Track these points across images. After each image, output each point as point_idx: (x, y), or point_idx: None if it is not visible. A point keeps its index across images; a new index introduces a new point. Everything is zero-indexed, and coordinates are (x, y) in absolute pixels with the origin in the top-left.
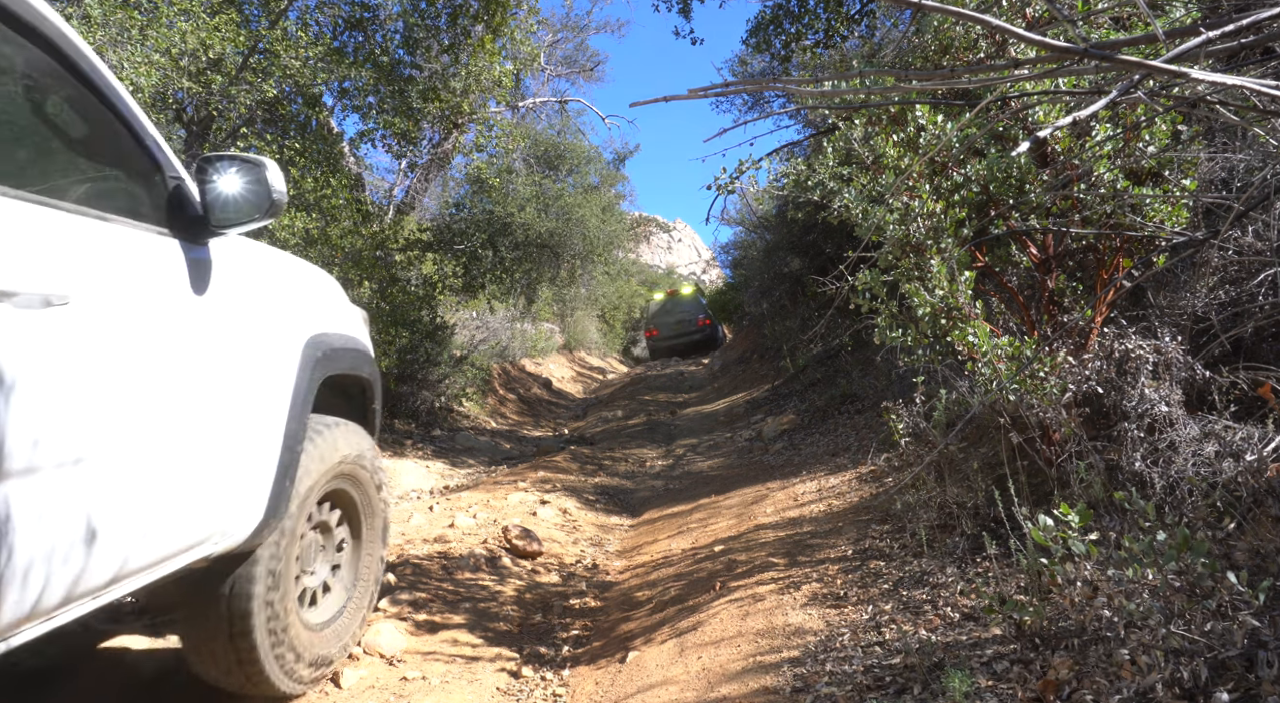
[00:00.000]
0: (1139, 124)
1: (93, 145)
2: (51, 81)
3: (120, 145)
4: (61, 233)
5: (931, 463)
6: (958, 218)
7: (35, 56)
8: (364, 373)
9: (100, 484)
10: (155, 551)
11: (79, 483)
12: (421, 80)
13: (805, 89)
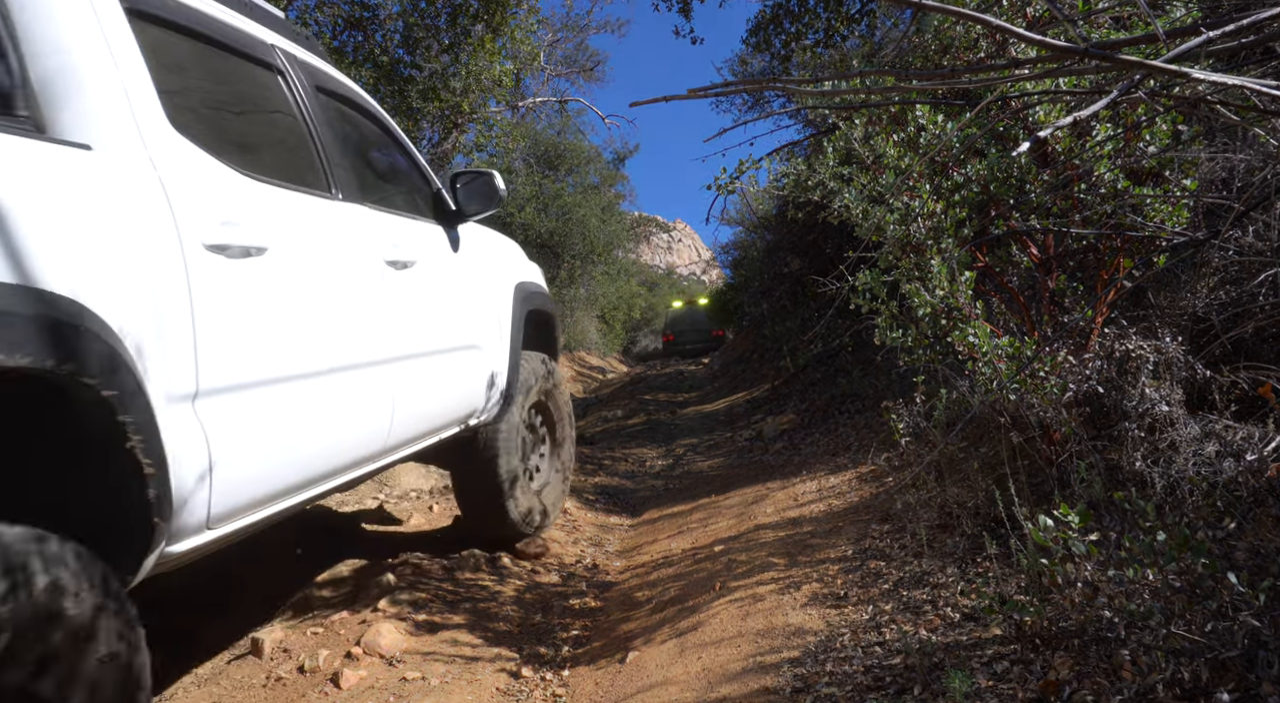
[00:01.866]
0: (1139, 124)
1: (402, 178)
2: (384, 142)
3: (414, 176)
4: (408, 229)
5: (931, 463)
6: (958, 218)
7: (378, 132)
8: (550, 309)
9: (429, 372)
10: (456, 413)
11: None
12: (421, 80)
13: (805, 89)
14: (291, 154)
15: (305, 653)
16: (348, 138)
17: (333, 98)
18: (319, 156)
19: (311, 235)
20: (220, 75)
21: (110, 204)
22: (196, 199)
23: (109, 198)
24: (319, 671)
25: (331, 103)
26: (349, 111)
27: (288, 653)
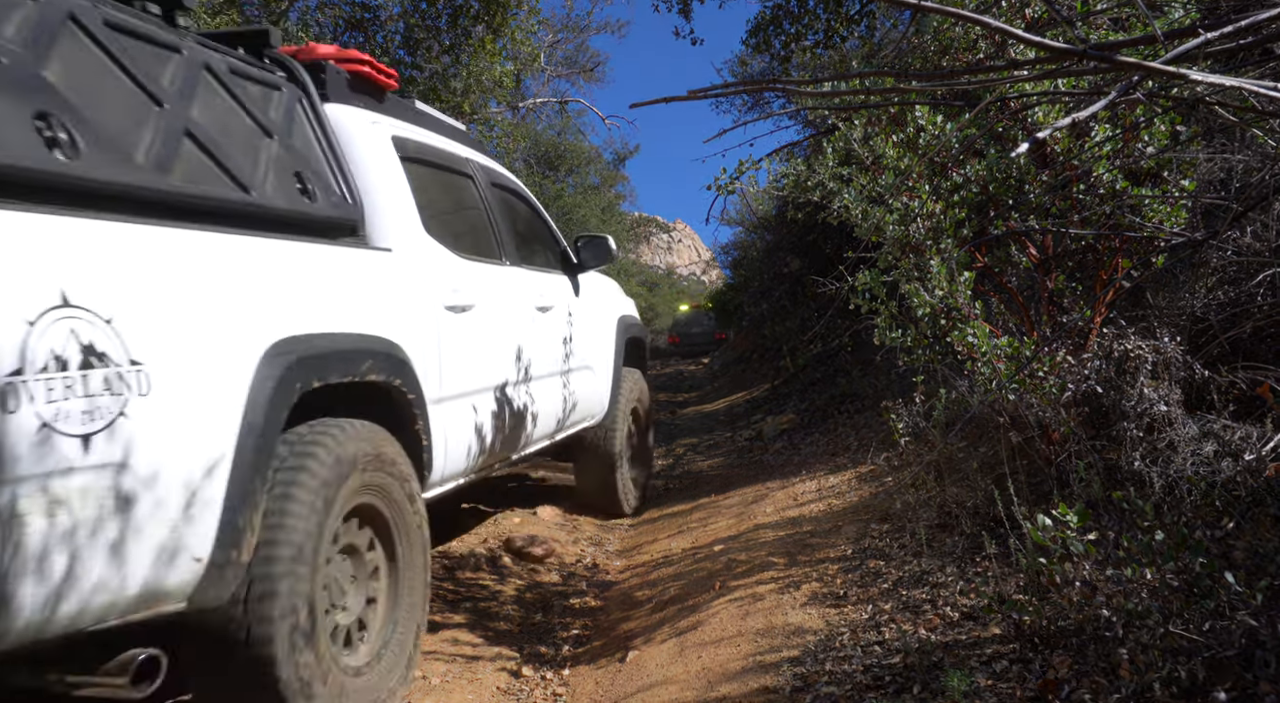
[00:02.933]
0: (1138, 125)
1: (541, 241)
2: (531, 217)
3: (548, 239)
4: (548, 281)
5: (931, 463)
6: (957, 218)
7: (525, 209)
8: (642, 336)
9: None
10: (574, 418)
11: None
12: (422, 81)
13: (805, 89)
14: (480, 236)
15: None
16: (509, 216)
17: (500, 189)
18: (495, 235)
19: (495, 293)
20: (442, 187)
21: (401, 284)
22: (439, 277)
23: (401, 280)
24: None
25: (499, 192)
26: (509, 196)
27: None
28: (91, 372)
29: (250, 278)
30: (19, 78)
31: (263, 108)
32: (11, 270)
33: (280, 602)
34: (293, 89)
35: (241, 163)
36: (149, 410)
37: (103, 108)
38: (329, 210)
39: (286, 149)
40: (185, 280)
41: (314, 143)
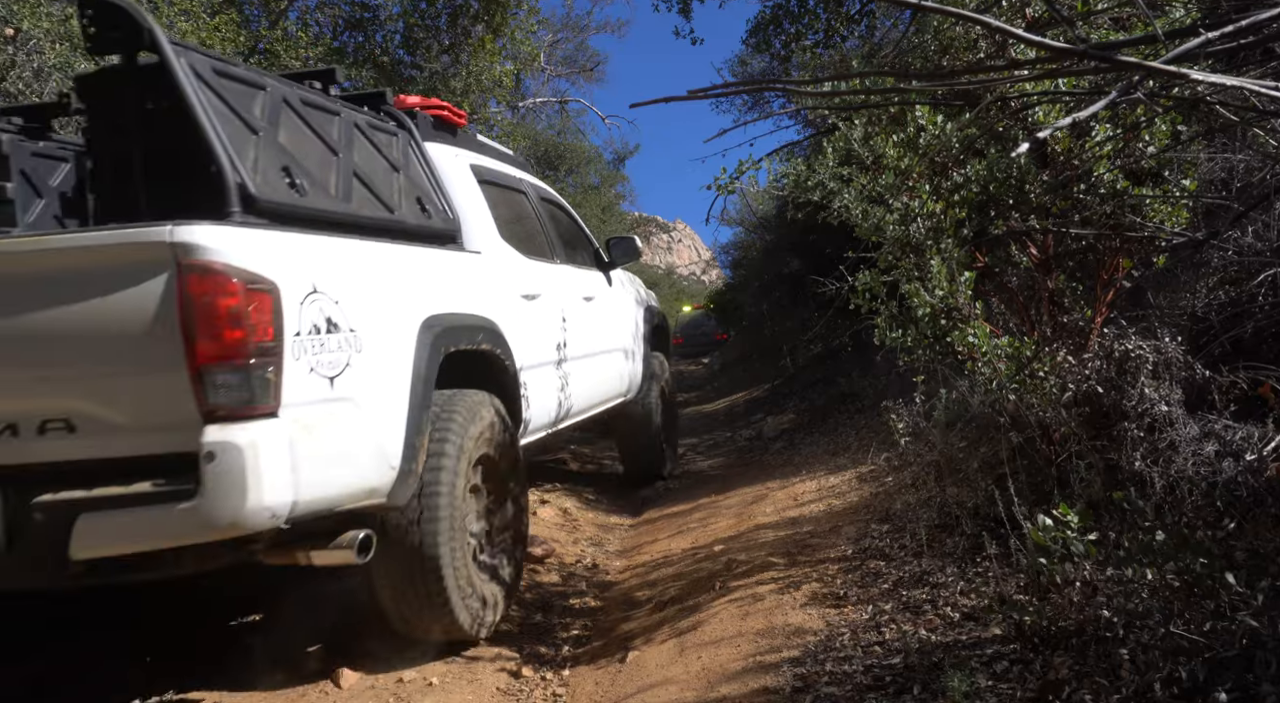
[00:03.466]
0: (1139, 124)
1: (580, 244)
2: (570, 223)
3: (585, 241)
4: (588, 276)
5: (931, 463)
6: (958, 218)
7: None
8: (664, 323)
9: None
10: (614, 392)
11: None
12: (421, 80)
13: (805, 89)
14: (536, 240)
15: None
16: (554, 223)
17: (546, 201)
18: (547, 239)
19: (552, 285)
20: (506, 202)
21: (491, 278)
22: (514, 273)
23: (490, 275)
24: (319, 671)
25: (545, 204)
26: (552, 207)
27: None
28: (332, 335)
29: (404, 272)
30: (270, 143)
31: (390, 150)
32: (291, 270)
33: (441, 505)
34: (404, 134)
35: (386, 192)
36: (362, 362)
37: (308, 158)
38: (440, 224)
39: (408, 179)
40: (370, 274)
41: (422, 174)
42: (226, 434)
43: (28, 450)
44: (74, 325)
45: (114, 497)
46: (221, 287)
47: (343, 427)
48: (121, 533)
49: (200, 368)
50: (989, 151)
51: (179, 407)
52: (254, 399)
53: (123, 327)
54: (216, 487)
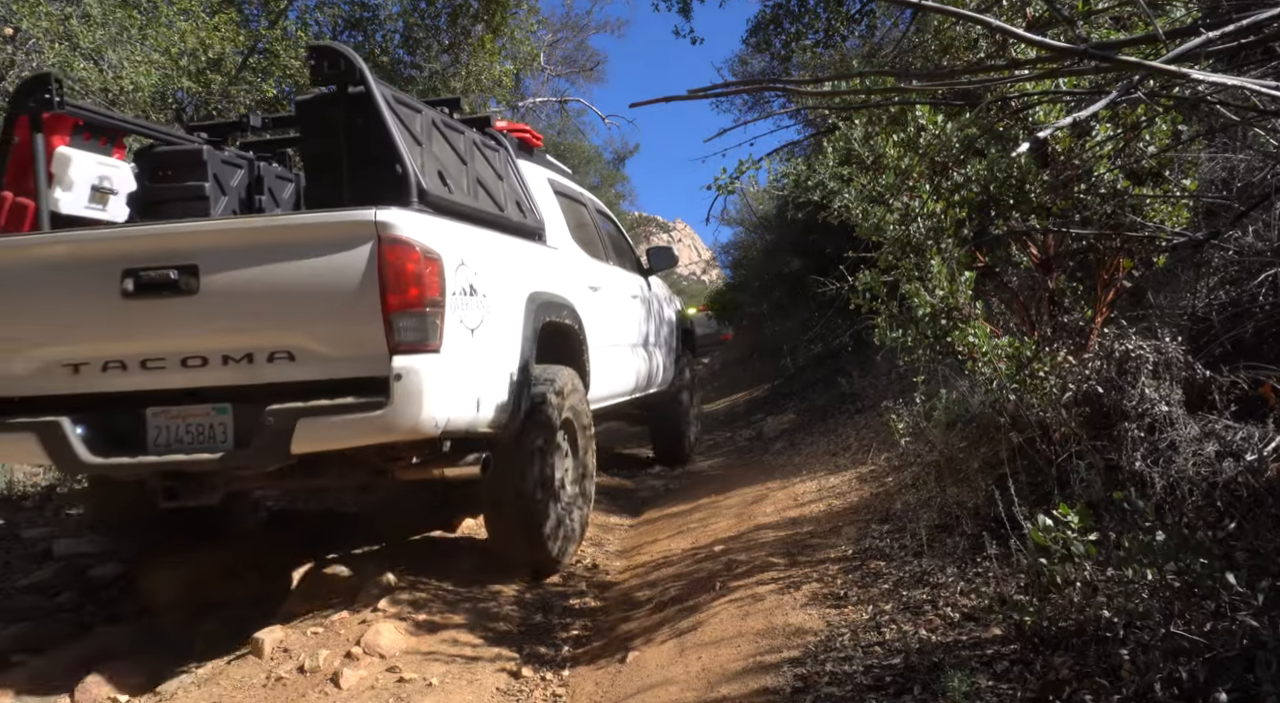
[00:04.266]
0: (1139, 124)
1: (625, 250)
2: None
3: (628, 248)
4: (633, 278)
5: (931, 463)
6: (958, 218)
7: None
8: (692, 328)
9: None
10: (651, 382)
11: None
12: (421, 80)
13: (805, 89)
14: (594, 243)
15: (305, 653)
16: (606, 232)
17: (600, 213)
18: (602, 244)
19: (610, 282)
20: (572, 211)
21: (567, 269)
22: (582, 267)
23: (567, 266)
24: (319, 671)
25: (600, 215)
26: (604, 218)
27: (288, 653)
28: (473, 297)
29: (512, 257)
30: (428, 152)
31: (495, 162)
32: (449, 246)
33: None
34: (503, 151)
35: (496, 194)
36: (491, 320)
37: (449, 165)
38: (531, 223)
39: (509, 186)
40: (494, 255)
41: (516, 183)
42: (409, 362)
43: (258, 374)
44: (299, 281)
45: (325, 406)
46: (408, 255)
47: (478, 367)
48: (330, 433)
49: (390, 314)
50: (989, 151)
51: (373, 342)
52: (426, 339)
53: (335, 282)
54: (401, 399)
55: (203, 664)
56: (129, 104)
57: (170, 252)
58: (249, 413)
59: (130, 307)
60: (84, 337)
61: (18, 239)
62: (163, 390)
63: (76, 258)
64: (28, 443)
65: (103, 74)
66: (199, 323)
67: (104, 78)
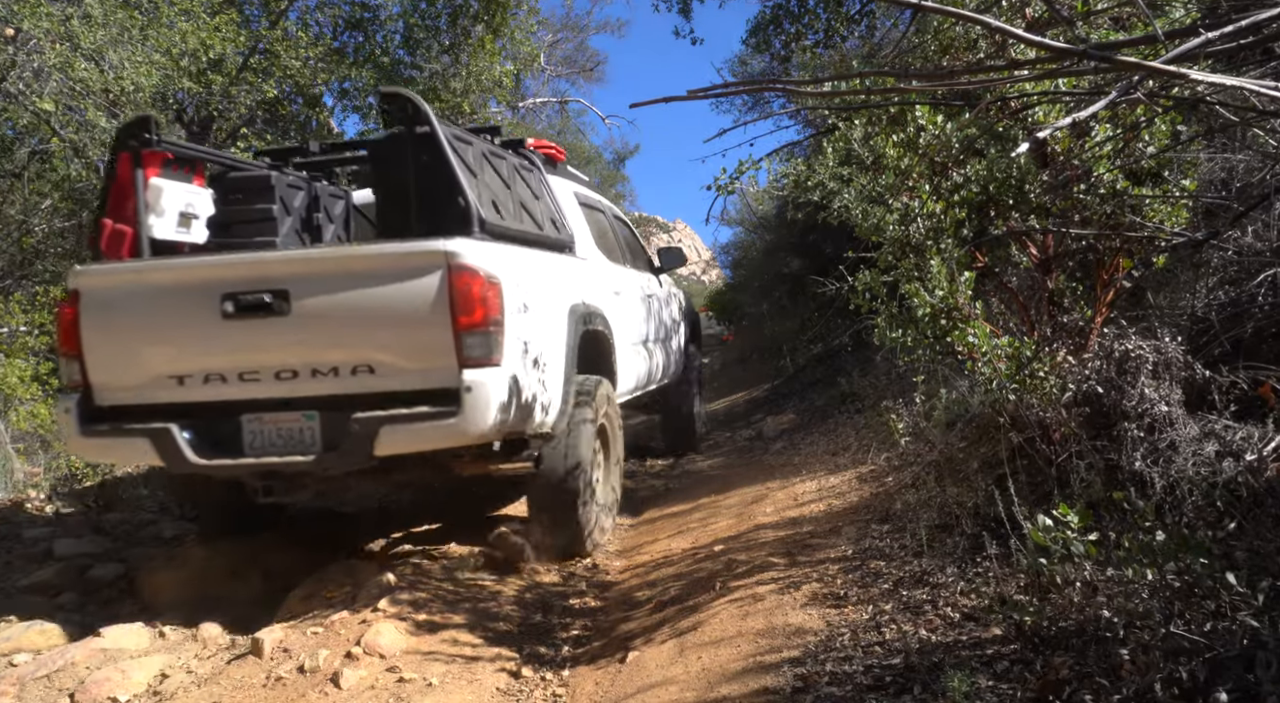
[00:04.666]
0: (1139, 124)
1: (638, 252)
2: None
3: (641, 250)
4: (647, 279)
5: (931, 463)
6: (958, 218)
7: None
8: (698, 321)
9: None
10: (664, 374)
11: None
12: (422, 80)
13: (805, 89)
14: (614, 249)
15: (305, 653)
16: (623, 236)
17: (617, 219)
18: (620, 248)
19: (628, 284)
20: (594, 220)
21: (595, 278)
22: (607, 274)
23: (594, 275)
24: (319, 671)
25: (618, 222)
26: (620, 222)
27: (288, 653)
28: (526, 314)
29: (553, 272)
30: (482, 182)
31: (531, 182)
32: (506, 269)
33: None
34: (536, 170)
35: (535, 214)
36: (541, 334)
37: (497, 193)
38: (564, 238)
39: (544, 204)
40: (539, 272)
41: (549, 199)
42: (476, 376)
43: (342, 385)
44: (378, 303)
45: (404, 415)
46: (474, 280)
47: (531, 376)
48: (409, 438)
49: (460, 333)
50: (989, 151)
51: (444, 357)
52: (490, 354)
53: (411, 304)
54: (470, 408)
55: (202, 662)
56: (129, 104)
57: (265, 278)
58: (334, 420)
59: (229, 326)
60: (188, 352)
61: (132, 265)
62: (257, 400)
63: (183, 283)
64: (143, 446)
65: (104, 74)
66: (290, 340)
67: (105, 78)
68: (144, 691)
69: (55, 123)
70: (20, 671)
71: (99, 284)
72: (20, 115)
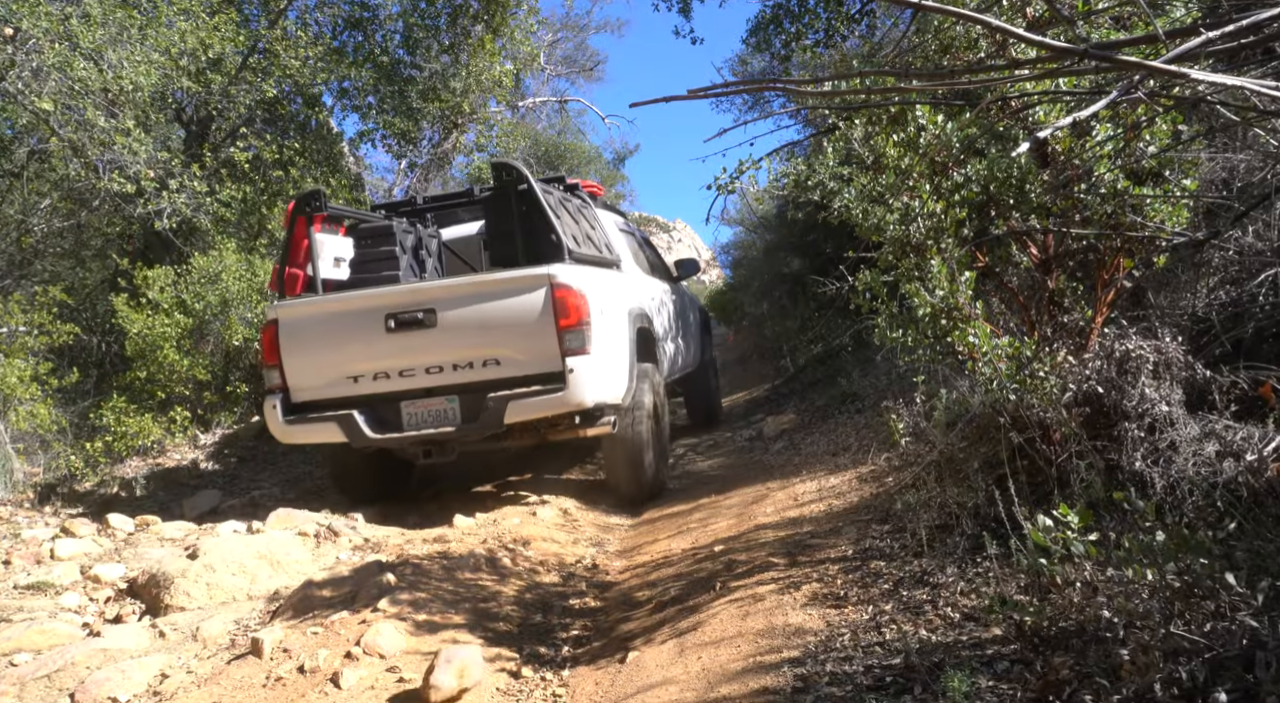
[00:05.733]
0: (1139, 124)
1: (658, 265)
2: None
3: (662, 261)
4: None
5: (931, 463)
6: (958, 218)
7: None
8: (709, 321)
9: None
10: (689, 362)
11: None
12: (421, 80)
13: (805, 89)
14: (645, 265)
15: (305, 653)
16: (650, 252)
17: (644, 240)
18: (649, 263)
19: (659, 292)
20: (630, 243)
21: (636, 288)
22: (645, 285)
23: (635, 287)
24: (319, 671)
25: (645, 242)
26: (646, 244)
27: (288, 653)
28: (603, 316)
29: (613, 286)
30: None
31: (588, 217)
32: (588, 285)
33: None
34: (589, 207)
35: (596, 241)
36: (611, 330)
37: (572, 228)
38: (614, 259)
39: (599, 233)
40: (606, 286)
41: (600, 229)
42: (575, 361)
43: (476, 375)
44: (501, 313)
45: (525, 392)
46: (569, 293)
47: (608, 362)
48: (530, 408)
49: (561, 331)
50: (989, 151)
51: (551, 350)
52: (583, 346)
53: (525, 313)
54: (572, 386)
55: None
56: (129, 104)
57: (417, 301)
58: (469, 400)
59: (392, 337)
60: (361, 358)
61: (317, 299)
62: (413, 390)
63: (357, 308)
64: (332, 429)
65: (103, 74)
66: (437, 345)
67: (104, 78)
68: (144, 691)
69: (54, 122)
70: (21, 670)
71: (291, 314)
72: (19, 115)
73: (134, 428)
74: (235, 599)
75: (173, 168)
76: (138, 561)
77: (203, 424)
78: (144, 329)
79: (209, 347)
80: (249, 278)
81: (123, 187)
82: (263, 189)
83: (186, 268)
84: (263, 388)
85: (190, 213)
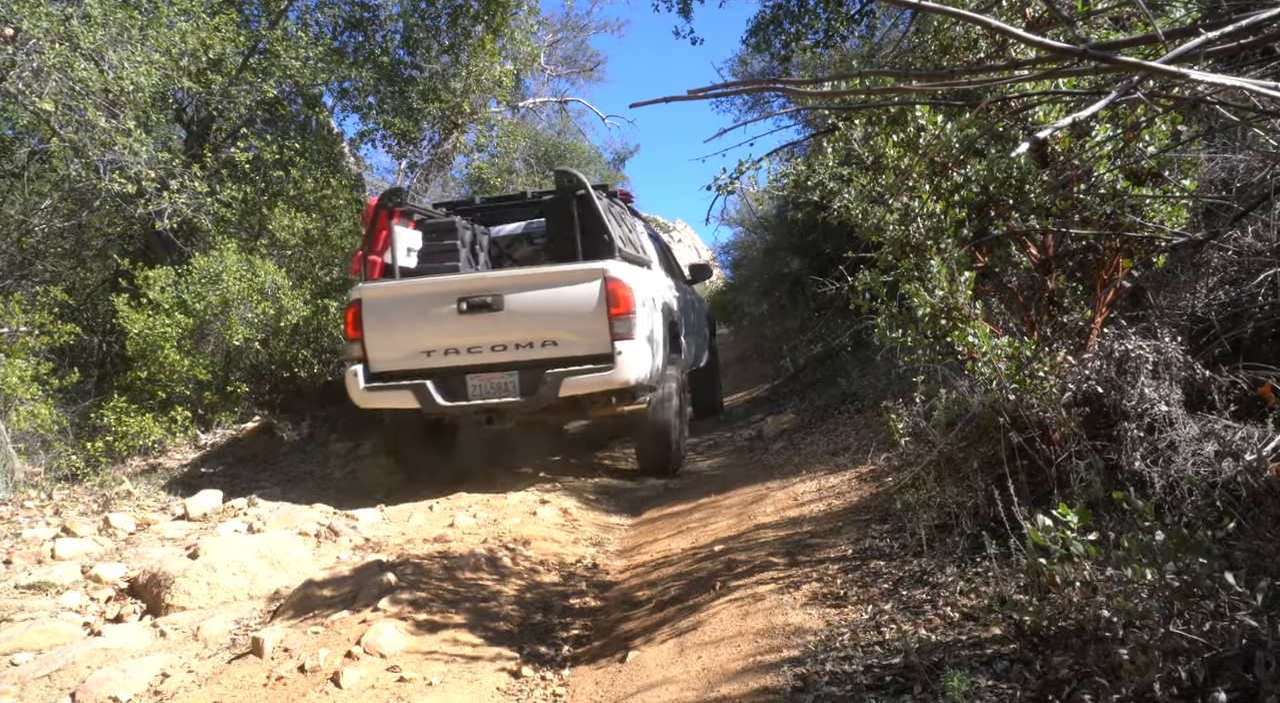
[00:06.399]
0: (1139, 124)
1: (675, 268)
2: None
3: (677, 266)
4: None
5: (931, 463)
6: (958, 218)
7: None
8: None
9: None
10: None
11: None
12: (421, 80)
13: (805, 89)
14: (667, 267)
15: (306, 653)
16: (669, 256)
17: (664, 245)
18: (669, 265)
19: (680, 291)
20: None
21: (665, 286)
22: (669, 284)
23: (665, 284)
24: (319, 670)
25: (664, 245)
26: (665, 246)
27: (288, 653)
28: (645, 307)
29: (649, 282)
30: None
31: (627, 221)
32: (634, 279)
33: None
34: (628, 212)
35: (634, 243)
36: (650, 320)
37: (618, 229)
38: (646, 258)
39: (635, 236)
40: (645, 282)
41: (636, 232)
42: (623, 345)
43: (535, 354)
44: (560, 300)
45: (578, 370)
46: (619, 285)
47: (648, 348)
48: (582, 384)
49: (612, 318)
50: (989, 151)
51: (601, 334)
52: (630, 332)
53: (581, 301)
54: (620, 365)
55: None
56: (130, 104)
57: (486, 288)
58: (527, 376)
59: (462, 318)
60: (435, 336)
61: (396, 283)
62: (478, 365)
63: (433, 293)
64: (407, 396)
65: (103, 74)
66: (502, 326)
67: (104, 78)
68: (145, 690)
69: (55, 122)
70: (21, 670)
71: (374, 295)
72: (20, 115)
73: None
74: (236, 599)
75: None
76: (138, 560)
77: (203, 424)
78: (145, 329)
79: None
80: (249, 278)
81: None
82: (263, 189)
83: (187, 268)
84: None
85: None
